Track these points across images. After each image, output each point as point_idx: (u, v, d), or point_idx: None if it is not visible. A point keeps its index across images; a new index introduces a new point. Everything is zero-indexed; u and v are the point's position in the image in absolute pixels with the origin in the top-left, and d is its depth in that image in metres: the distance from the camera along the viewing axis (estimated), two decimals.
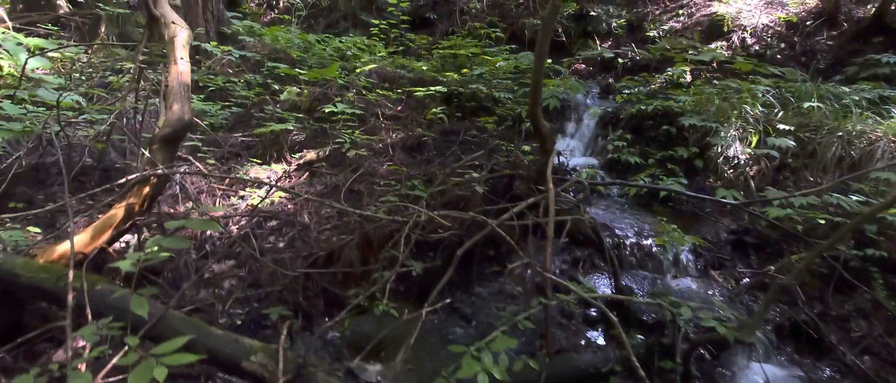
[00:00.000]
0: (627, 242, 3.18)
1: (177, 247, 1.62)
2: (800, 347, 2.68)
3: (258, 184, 3.52)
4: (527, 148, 4.25)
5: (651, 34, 7.18)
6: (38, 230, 2.67)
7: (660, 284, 2.94)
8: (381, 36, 6.55)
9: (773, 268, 2.99)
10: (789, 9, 6.68)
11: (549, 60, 6.40)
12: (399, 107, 5.37)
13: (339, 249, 2.81)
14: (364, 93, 4.95)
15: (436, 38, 7.65)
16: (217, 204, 3.43)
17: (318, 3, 7.96)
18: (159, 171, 2.20)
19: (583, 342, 2.50)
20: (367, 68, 4.96)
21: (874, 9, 5.93)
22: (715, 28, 6.76)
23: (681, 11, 7.50)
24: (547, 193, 2.23)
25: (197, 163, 3.62)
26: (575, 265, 3.06)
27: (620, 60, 6.83)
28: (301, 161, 4.06)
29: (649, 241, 3.18)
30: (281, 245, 3.15)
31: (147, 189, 2.22)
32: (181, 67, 2.42)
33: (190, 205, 3.26)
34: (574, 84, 4.90)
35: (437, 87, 5.01)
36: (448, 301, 2.74)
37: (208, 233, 3.00)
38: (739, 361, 2.51)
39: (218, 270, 2.82)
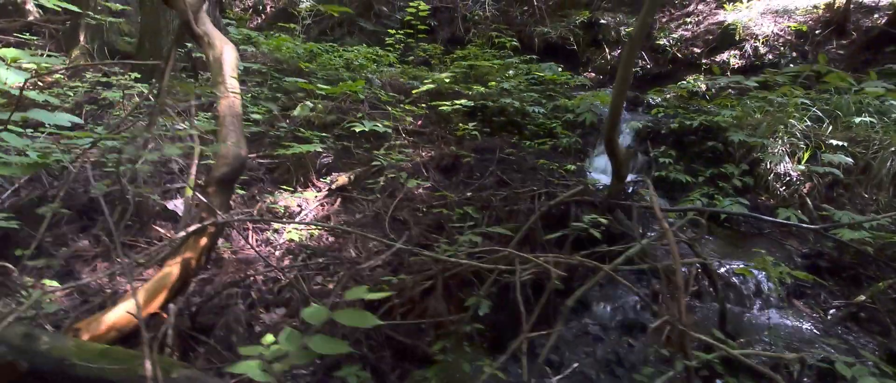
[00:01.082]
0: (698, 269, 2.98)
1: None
2: None
3: (290, 219, 3.16)
4: (571, 167, 4.03)
5: (661, 42, 7.12)
6: (54, 283, 2.25)
7: (748, 319, 2.75)
8: (395, 45, 6.22)
9: (863, 297, 2.85)
10: (797, 17, 6.73)
11: (561, 67, 6.24)
12: (418, 122, 5.07)
13: (409, 293, 2.49)
14: (389, 108, 4.62)
15: (441, 47, 7.37)
16: (250, 241, 3.05)
17: (317, 10, 7.56)
18: (220, 219, 1.84)
19: None
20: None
21: (885, 18, 6.01)
22: (727, 37, 6.75)
23: (688, 20, 7.48)
24: (664, 232, 2.00)
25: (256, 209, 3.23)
26: (655, 299, 2.84)
27: (634, 70, 6.73)
28: (332, 186, 3.71)
29: (725, 269, 3.00)
30: (330, 286, 2.81)
31: (204, 240, 1.86)
32: (232, 95, 2.06)
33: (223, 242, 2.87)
34: (605, 96, 4.72)
35: (463, 101, 4.74)
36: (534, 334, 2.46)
37: (251, 276, 2.63)
38: None
39: (270, 321, 2.45)
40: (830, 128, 3.97)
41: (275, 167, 3.96)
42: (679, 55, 7.02)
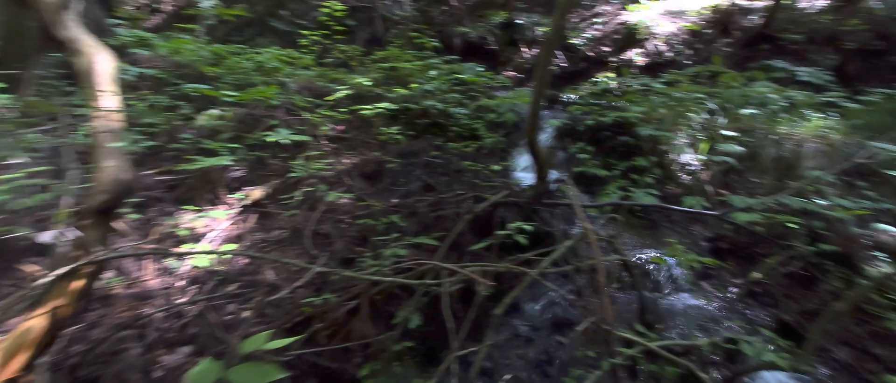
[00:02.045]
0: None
1: None
2: (793, 347, 2.82)
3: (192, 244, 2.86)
4: (496, 167, 4.05)
5: (574, 42, 7.45)
6: None
7: (664, 304, 2.91)
8: (311, 46, 5.91)
9: (758, 274, 3.13)
10: (690, 18, 7.35)
11: (483, 67, 6.30)
12: (340, 128, 4.86)
13: (331, 315, 2.33)
14: (305, 114, 4.37)
15: (361, 48, 7.15)
16: (147, 270, 2.71)
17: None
18: (99, 256, 1.58)
19: None
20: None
21: (761, 20, 6.74)
22: (631, 36, 7.20)
23: (596, 20, 7.89)
24: (585, 232, 2.03)
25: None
26: (580, 294, 2.91)
27: (550, 68, 6.97)
28: (245, 201, 3.42)
29: (641, 258, 3.16)
30: (246, 313, 2.57)
31: (79, 282, 1.59)
32: (108, 111, 1.79)
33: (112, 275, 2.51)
34: (526, 96, 4.82)
35: (386, 104, 4.60)
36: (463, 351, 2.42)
37: (146, 310, 2.32)
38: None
39: (173, 363, 2.18)
40: (724, 120, 4.34)
41: (177, 184, 3.57)
42: (591, 54, 7.39)
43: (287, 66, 5.61)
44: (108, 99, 1.81)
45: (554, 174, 4.07)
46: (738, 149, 3.98)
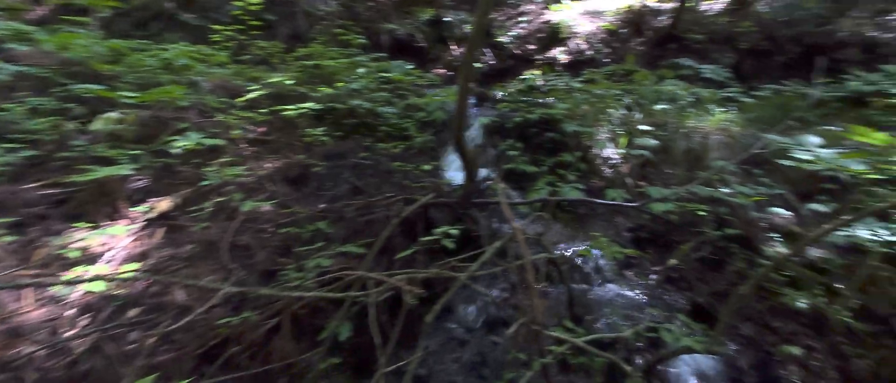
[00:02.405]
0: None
1: None
2: (706, 329, 3.03)
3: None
4: (427, 167, 3.99)
5: (501, 40, 7.57)
6: None
7: (592, 295, 3.01)
8: (226, 42, 5.49)
9: (673, 260, 3.33)
10: (607, 18, 7.74)
11: (412, 65, 6.23)
12: (260, 130, 4.56)
13: (249, 335, 2.15)
14: (219, 116, 4.04)
15: (282, 44, 6.78)
16: (27, 300, 2.35)
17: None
18: None
19: None
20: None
21: (669, 20, 7.24)
22: (554, 35, 7.45)
23: (521, 18, 8.09)
24: (514, 232, 2.02)
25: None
26: (513, 291, 2.94)
27: (477, 66, 7.03)
28: (150, 215, 3.08)
29: (568, 252, 3.25)
30: (151, 340, 2.30)
31: None
32: None
33: None
34: (455, 94, 4.81)
35: (310, 104, 4.38)
36: (392, 367, 2.33)
37: (20, 351, 2.00)
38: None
39: None
40: (640, 115, 4.60)
41: (66, 198, 3.15)
42: (517, 51, 7.56)
43: (199, 63, 5.18)
44: None
45: (484, 172, 4.10)
46: (653, 142, 4.23)
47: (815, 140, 2.98)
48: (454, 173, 4.13)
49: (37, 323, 2.18)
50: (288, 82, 4.63)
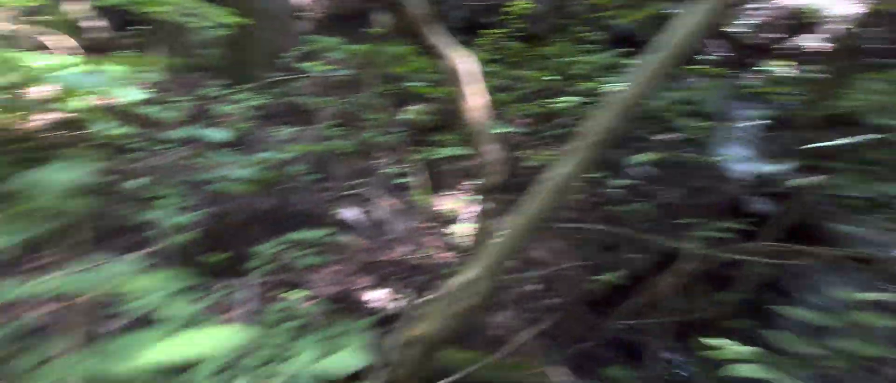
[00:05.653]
0: None
1: None
2: None
3: None
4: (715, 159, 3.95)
5: (733, 30, 7.08)
6: None
7: None
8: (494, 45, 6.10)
9: None
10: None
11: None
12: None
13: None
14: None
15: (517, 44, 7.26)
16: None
17: None
18: None
19: None
20: None
21: None
22: (799, 20, 6.71)
23: (758, 5, 7.45)
24: None
25: None
26: None
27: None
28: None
29: None
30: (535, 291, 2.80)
31: None
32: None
33: None
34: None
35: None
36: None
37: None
38: None
39: None
40: None
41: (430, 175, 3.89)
42: (752, 42, 6.99)
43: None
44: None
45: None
46: None
47: None
48: (737, 165, 4.07)
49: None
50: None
